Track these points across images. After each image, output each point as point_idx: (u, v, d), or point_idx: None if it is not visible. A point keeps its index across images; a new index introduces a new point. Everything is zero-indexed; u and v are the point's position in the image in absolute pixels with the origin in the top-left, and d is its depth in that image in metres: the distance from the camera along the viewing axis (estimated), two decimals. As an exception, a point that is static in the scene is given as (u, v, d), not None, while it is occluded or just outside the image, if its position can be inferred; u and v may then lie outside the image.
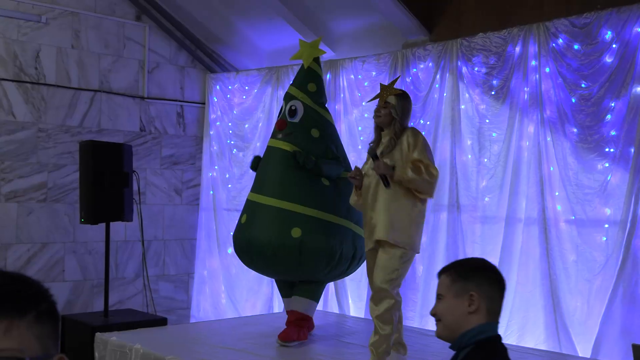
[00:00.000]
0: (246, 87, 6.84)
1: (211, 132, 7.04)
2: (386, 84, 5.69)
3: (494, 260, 4.93)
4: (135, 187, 5.91)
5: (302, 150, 4.37)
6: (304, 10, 6.13)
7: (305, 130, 4.47)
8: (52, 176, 6.07)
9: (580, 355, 4.45)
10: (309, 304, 4.49)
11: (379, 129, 4.00)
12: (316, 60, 4.69)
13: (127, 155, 5.61)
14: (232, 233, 5.02)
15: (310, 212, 4.29)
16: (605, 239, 4.46)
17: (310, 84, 4.60)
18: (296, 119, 4.49)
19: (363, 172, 3.97)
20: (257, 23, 6.74)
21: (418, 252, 3.93)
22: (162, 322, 5.43)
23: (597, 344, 4.35)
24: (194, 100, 7.12)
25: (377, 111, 3.95)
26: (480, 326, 2.18)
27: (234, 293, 6.73)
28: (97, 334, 4.53)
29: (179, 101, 6.99)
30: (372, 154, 3.79)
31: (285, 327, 4.48)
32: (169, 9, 6.76)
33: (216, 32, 6.91)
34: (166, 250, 6.88)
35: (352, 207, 4.23)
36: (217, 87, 7.03)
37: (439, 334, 2.29)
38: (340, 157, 4.57)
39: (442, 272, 2.31)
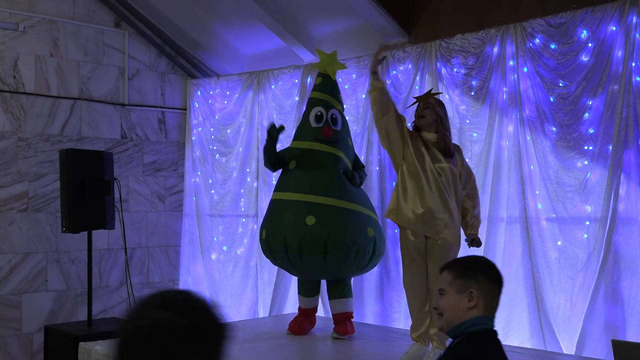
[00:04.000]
0: (227, 92, 6.83)
1: (193, 138, 7.03)
2: (367, 85, 5.75)
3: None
4: (117, 195, 5.88)
5: (345, 154, 4.83)
6: (284, 14, 6.13)
7: (345, 139, 4.91)
8: (33, 185, 6.03)
9: (564, 352, 4.48)
10: (349, 301, 4.88)
11: (416, 132, 4.29)
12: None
13: (108, 162, 5.58)
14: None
15: (370, 213, 4.78)
16: (586, 236, 4.50)
17: (339, 95, 5.00)
18: (338, 128, 4.88)
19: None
20: (237, 28, 6.73)
21: None
22: (146, 329, 5.39)
23: (581, 340, 4.38)
24: (175, 106, 7.10)
25: (420, 113, 4.25)
26: (475, 319, 2.34)
27: (218, 299, 6.72)
28: (81, 344, 4.51)
29: (160, 107, 6.97)
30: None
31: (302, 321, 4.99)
32: (148, 15, 6.73)
33: (196, 38, 6.90)
34: (150, 257, 6.85)
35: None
36: (198, 92, 7.02)
37: (441, 327, 2.44)
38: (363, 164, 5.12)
39: (445, 269, 2.45)
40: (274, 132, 4.75)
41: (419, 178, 4.14)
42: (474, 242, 4.21)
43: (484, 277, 2.38)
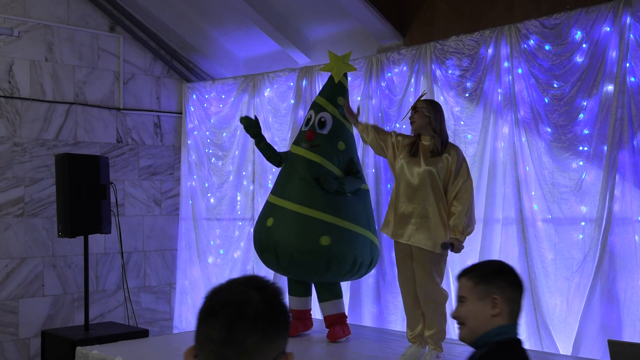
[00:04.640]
0: (223, 96, 6.83)
1: (189, 142, 7.02)
2: (362, 88, 5.75)
3: (473, 261, 4.96)
4: (113, 199, 5.88)
5: (327, 159, 4.68)
6: (278, 18, 6.14)
7: (333, 143, 4.77)
8: (29, 190, 6.02)
9: (561, 353, 4.49)
10: (338, 302, 4.80)
11: (417, 137, 4.25)
12: (344, 74, 4.95)
13: (104, 167, 5.58)
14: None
15: (337, 222, 4.58)
16: (582, 236, 4.51)
17: (339, 97, 4.86)
18: (325, 131, 4.78)
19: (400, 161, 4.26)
20: (232, 31, 6.74)
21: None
22: (143, 333, 5.40)
23: (577, 341, 4.39)
24: (171, 110, 7.10)
25: (411, 119, 4.24)
26: (500, 327, 2.18)
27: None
28: (78, 348, 4.50)
29: (156, 111, 6.97)
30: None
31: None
32: (143, 20, 6.73)
33: (191, 42, 6.90)
34: (147, 261, 6.84)
35: (371, 218, 4.80)
36: (194, 96, 7.02)
37: (463, 338, 2.27)
38: (360, 170, 4.91)
39: (464, 275, 2.29)
40: (251, 129, 4.88)
41: (396, 187, 4.25)
42: (446, 245, 4.05)
43: (505, 282, 2.22)
